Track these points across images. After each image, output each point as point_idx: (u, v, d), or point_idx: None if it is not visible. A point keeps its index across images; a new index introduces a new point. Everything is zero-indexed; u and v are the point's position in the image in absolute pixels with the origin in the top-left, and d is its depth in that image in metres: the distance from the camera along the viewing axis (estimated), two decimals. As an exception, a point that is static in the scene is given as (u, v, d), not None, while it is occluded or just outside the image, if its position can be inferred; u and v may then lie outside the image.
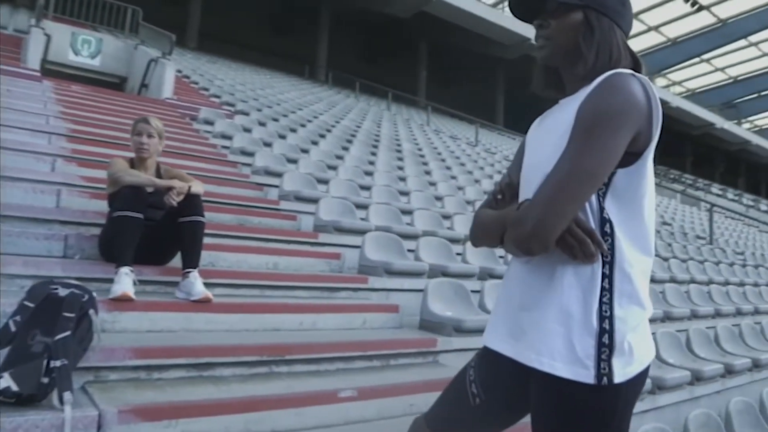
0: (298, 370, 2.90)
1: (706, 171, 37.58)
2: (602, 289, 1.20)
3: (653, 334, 4.65)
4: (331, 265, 4.49)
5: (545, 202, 1.18)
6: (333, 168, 7.32)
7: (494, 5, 23.84)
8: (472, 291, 4.25)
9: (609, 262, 1.21)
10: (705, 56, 33.68)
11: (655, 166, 1.28)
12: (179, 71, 12.46)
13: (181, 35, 19.04)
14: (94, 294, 2.31)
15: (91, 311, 2.21)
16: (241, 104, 10.49)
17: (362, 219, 5.49)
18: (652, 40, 33.49)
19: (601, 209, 1.22)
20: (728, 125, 35.99)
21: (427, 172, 9.51)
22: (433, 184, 8.56)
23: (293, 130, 9.37)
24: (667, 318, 5.52)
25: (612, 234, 1.21)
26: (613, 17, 1.33)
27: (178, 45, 13.79)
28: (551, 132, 1.32)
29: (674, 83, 37.30)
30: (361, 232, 5.04)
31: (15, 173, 4.06)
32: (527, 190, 1.33)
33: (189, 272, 3.12)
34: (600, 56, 1.31)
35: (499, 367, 1.36)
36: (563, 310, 1.21)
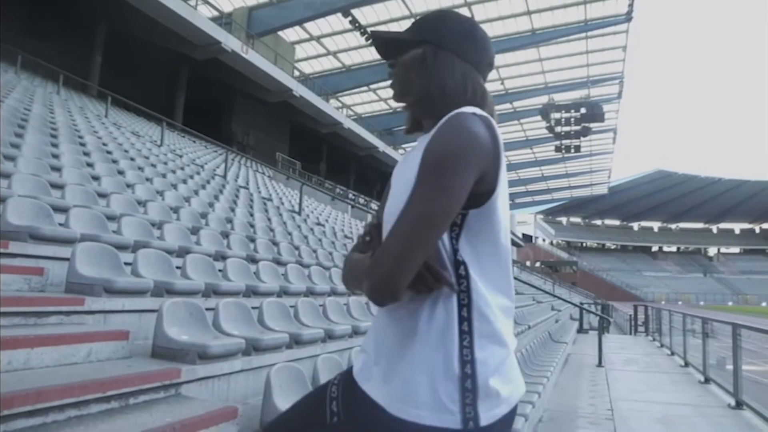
0: (20, 426, 2.26)
1: (365, 189, 41.88)
2: (461, 332, 1.18)
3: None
4: (30, 283, 3.67)
5: (391, 253, 1.14)
6: (10, 159, 6.06)
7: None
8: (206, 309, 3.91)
9: (467, 305, 1.19)
10: (372, 86, 37.68)
11: (325, 181, 1.33)
12: None
13: None
14: None
15: None
16: None
17: (61, 225, 4.64)
18: (329, 64, 36.24)
19: (455, 251, 1.20)
20: (389, 150, 40.73)
21: (120, 172, 8.56)
22: (129, 185, 7.74)
23: (-56, 106, 7.54)
24: (311, 293, 6.38)
25: (467, 276, 1.20)
26: (456, 51, 1.34)
27: None
28: (404, 173, 1.29)
29: (345, 106, 40.83)
30: (65, 241, 4.27)
31: None
32: (385, 232, 1.30)
33: None
34: (430, 90, 1.32)
35: (366, 401, 1.25)
36: (425, 358, 1.17)
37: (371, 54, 33.47)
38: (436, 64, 1.31)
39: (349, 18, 29.95)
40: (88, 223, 4.88)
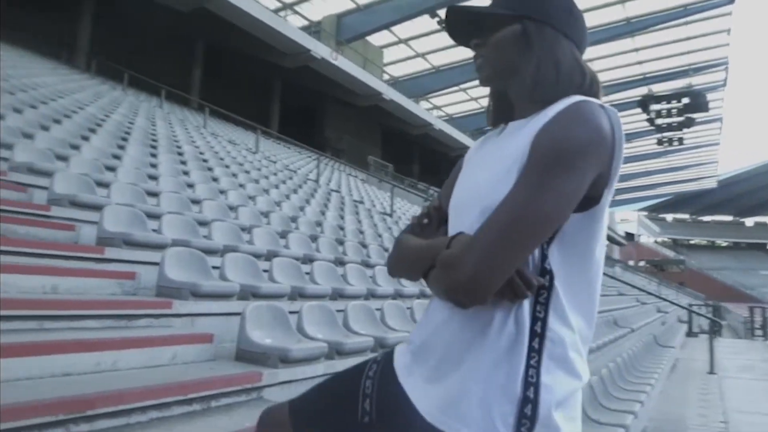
0: (103, 426, 2.31)
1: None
2: (531, 349, 1.00)
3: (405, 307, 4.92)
4: (123, 287, 3.81)
5: (487, 248, 0.96)
6: (111, 169, 6.40)
7: (276, 11, 23.52)
8: (289, 312, 3.91)
9: (542, 319, 1.01)
10: (462, 86, 37.28)
11: (417, 183, 1.11)
12: None
13: None
14: None
15: None
16: (-15, 83, 8.78)
17: (154, 231, 4.82)
18: (418, 65, 36.24)
19: (543, 258, 1.02)
20: (480, 149, 40.02)
21: (214, 179, 8.88)
22: (222, 192, 7.99)
23: (57, 122, 8.08)
24: (399, 296, 6.26)
25: (551, 287, 1.02)
26: (560, 27, 1.14)
27: None
28: (494, 159, 1.12)
29: (436, 107, 40.67)
30: (157, 247, 4.42)
31: None
32: (457, 220, 1.14)
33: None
34: (542, 71, 1.11)
35: (401, 399, 1.10)
36: (486, 369, 1.00)
37: (461, 53, 33.14)
38: (545, 42, 1.13)
39: (437, 19, 29.76)
40: (179, 229, 5.04)
